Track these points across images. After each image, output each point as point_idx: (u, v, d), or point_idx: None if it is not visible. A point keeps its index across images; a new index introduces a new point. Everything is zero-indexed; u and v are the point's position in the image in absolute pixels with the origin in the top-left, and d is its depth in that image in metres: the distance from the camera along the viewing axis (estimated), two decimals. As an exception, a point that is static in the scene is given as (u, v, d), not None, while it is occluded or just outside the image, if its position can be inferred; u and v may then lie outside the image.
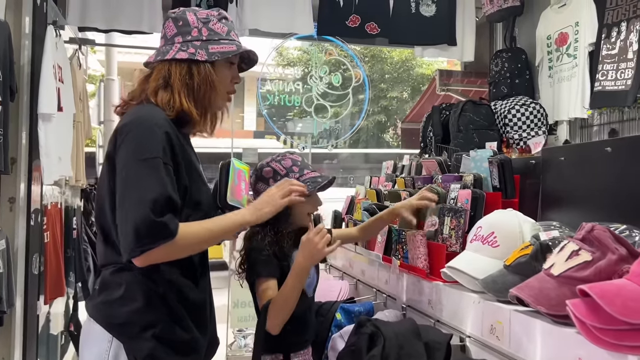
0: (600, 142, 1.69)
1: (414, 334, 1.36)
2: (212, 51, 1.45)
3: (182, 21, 1.48)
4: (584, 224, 1.16)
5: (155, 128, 1.36)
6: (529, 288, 1.16)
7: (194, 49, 1.45)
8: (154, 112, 1.41)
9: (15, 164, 2.79)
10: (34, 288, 2.91)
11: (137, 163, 1.31)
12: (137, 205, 1.27)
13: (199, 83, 1.45)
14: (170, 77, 1.45)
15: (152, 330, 1.34)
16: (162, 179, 1.31)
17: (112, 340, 1.34)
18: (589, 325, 0.95)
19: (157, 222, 1.26)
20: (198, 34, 1.46)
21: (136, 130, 1.36)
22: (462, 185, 1.75)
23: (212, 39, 1.47)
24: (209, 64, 1.46)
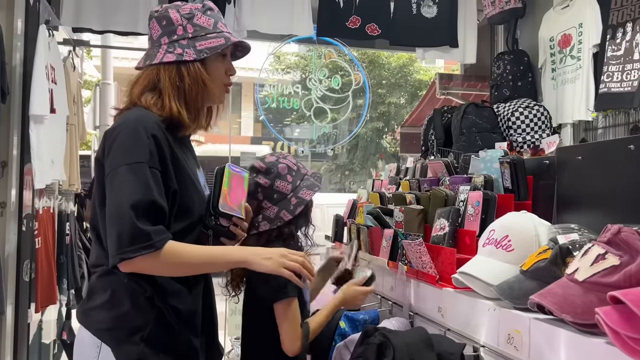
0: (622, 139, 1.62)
1: (425, 344, 1.28)
2: (199, 48, 1.40)
3: (165, 20, 1.42)
4: (609, 225, 1.08)
5: (142, 131, 1.33)
6: (551, 295, 1.08)
7: (181, 49, 1.40)
8: (142, 115, 1.38)
9: (6, 167, 2.72)
10: (24, 295, 2.82)
11: (122, 168, 1.30)
12: (120, 211, 1.26)
13: (190, 84, 1.41)
14: (159, 81, 1.41)
15: (140, 333, 1.31)
16: (147, 184, 1.29)
17: (100, 345, 1.31)
18: (623, 336, 0.87)
19: (140, 230, 1.24)
20: (183, 32, 1.41)
21: (122, 135, 1.34)
22: (472, 187, 1.68)
23: (199, 34, 1.41)
24: (198, 62, 1.41)
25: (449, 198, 1.76)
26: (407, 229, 1.88)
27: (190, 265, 1.35)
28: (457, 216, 1.63)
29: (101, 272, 1.35)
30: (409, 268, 1.72)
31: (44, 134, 2.72)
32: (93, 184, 1.48)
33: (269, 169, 1.69)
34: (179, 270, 1.35)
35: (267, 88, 5.13)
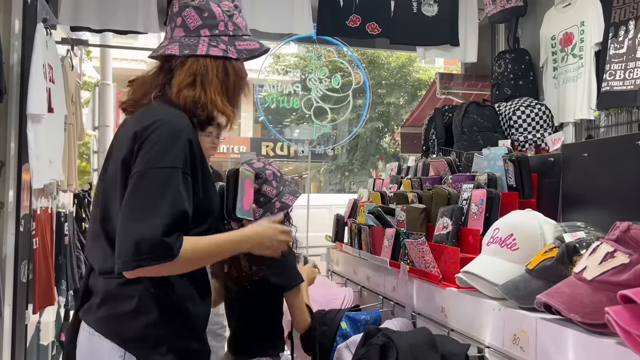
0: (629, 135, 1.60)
1: (429, 345, 1.26)
2: (239, 48, 1.39)
3: (207, 12, 1.38)
4: (617, 223, 1.06)
5: (181, 134, 1.27)
6: (559, 294, 1.05)
7: (225, 45, 1.37)
8: (178, 116, 1.32)
9: (4, 167, 2.70)
10: (22, 297, 2.80)
11: (156, 171, 1.23)
12: (147, 218, 1.19)
13: (234, 81, 1.39)
14: (206, 73, 1.35)
15: (167, 343, 1.29)
16: (180, 193, 1.23)
17: (124, 355, 1.26)
18: (635, 335, 0.84)
19: (163, 242, 1.19)
20: (225, 29, 1.39)
21: (158, 135, 1.26)
22: (476, 185, 1.65)
23: (237, 34, 1.40)
24: (239, 62, 1.40)
25: (452, 196, 1.73)
26: (409, 228, 1.85)
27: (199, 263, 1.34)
28: (460, 215, 1.60)
29: (124, 280, 1.26)
30: (411, 268, 1.70)
31: (42, 134, 2.70)
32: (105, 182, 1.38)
33: (257, 174, 1.76)
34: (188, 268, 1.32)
35: (266, 88, 5.11)
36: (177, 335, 1.31)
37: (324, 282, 2.40)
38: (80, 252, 3.67)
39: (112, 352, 1.27)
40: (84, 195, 3.89)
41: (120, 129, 1.44)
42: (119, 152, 1.32)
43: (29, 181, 2.77)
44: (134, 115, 1.38)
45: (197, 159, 1.31)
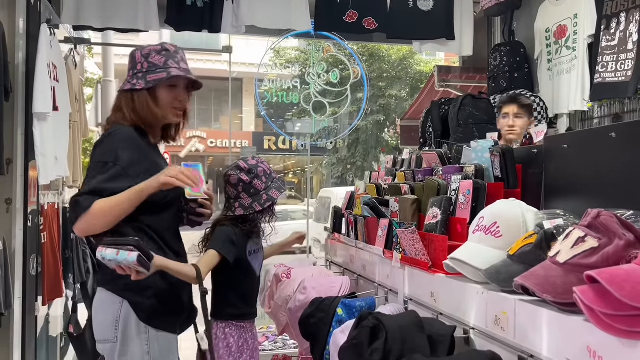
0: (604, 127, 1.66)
1: (417, 327, 1.33)
2: (149, 79, 1.89)
3: (132, 58, 1.95)
4: (589, 210, 1.13)
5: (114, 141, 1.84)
6: (534, 276, 1.13)
7: (136, 80, 1.90)
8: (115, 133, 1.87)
9: (11, 164, 2.77)
10: (32, 289, 2.89)
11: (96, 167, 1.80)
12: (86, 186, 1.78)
13: (139, 106, 1.90)
14: (120, 102, 1.94)
15: (150, 290, 1.81)
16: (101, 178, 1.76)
17: (122, 302, 1.79)
18: (598, 312, 0.92)
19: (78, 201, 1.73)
20: (140, 67, 1.91)
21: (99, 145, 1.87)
22: (464, 177, 1.72)
23: (150, 69, 1.90)
24: (146, 90, 1.89)
25: (442, 187, 1.80)
26: (402, 218, 1.93)
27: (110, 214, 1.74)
28: (448, 205, 1.68)
29: None
30: (404, 256, 1.77)
31: (48, 131, 2.78)
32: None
33: (250, 169, 2.16)
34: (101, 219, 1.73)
35: (266, 83, 5.17)
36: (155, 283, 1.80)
37: (322, 271, 2.48)
38: (86, 246, 3.75)
39: (113, 299, 1.80)
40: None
41: None
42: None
43: (36, 178, 2.85)
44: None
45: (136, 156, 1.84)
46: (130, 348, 1.78)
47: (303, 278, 2.26)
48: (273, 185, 2.18)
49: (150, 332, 1.80)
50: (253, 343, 2.21)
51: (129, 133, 1.87)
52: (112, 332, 1.78)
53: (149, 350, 1.80)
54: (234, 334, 2.15)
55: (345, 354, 1.36)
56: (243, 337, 2.17)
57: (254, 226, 2.19)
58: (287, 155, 21.26)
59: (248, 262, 2.18)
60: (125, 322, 1.78)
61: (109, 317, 1.79)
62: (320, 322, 1.91)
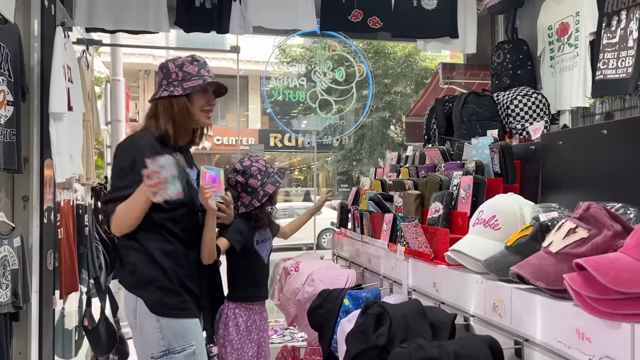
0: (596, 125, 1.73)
1: (419, 314, 1.41)
2: (185, 86, 2.07)
3: (165, 69, 2.13)
4: (580, 203, 1.20)
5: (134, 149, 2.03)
6: (528, 265, 1.20)
7: (173, 88, 2.07)
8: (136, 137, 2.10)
9: (28, 163, 2.85)
10: (49, 283, 2.97)
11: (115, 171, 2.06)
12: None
13: (177, 111, 2.08)
14: (156, 110, 2.10)
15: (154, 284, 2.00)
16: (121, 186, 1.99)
17: (136, 298, 2.01)
18: (584, 296, 0.99)
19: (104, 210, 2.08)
20: (175, 76, 2.09)
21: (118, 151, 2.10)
22: (465, 172, 1.79)
23: (186, 78, 2.08)
24: (184, 96, 2.07)
25: (444, 183, 1.88)
26: (406, 213, 2.01)
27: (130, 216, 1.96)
28: (450, 199, 1.75)
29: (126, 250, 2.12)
30: (407, 248, 1.85)
31: (63, 131, 2.86)
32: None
33: (244, 170, 2.41)
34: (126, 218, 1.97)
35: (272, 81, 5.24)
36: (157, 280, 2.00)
37: (329, 264, 2.56)
38: (99, 242, 3.84)
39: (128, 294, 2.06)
40: (100, 189, 4.06)
41: None
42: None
43: (52, 176, 2.94)
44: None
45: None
46: (146, 335, 2.02)
47: (311, 271, 2.35)
48: (268, 180, 2.41)
49: (162, 321, 2.00)
50: (261, 324, 2.42)
51: (150, 140, 2.06)
52: (133, 320, 2.05)
53: (162, 336, 2.00)
54: (243, 314, 2.38)
55: (352, 340, 1.44)
56: (252, 318, 2.40)
57: (258, 221, 2.44)
58: (293, 153, 21.32)
59: (255, 250, 2.44)
60: (140, 313, 2.01)
61: (128, 308, 2.09)
62: (327, 313, 1.99)
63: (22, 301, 2.64)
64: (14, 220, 2.80)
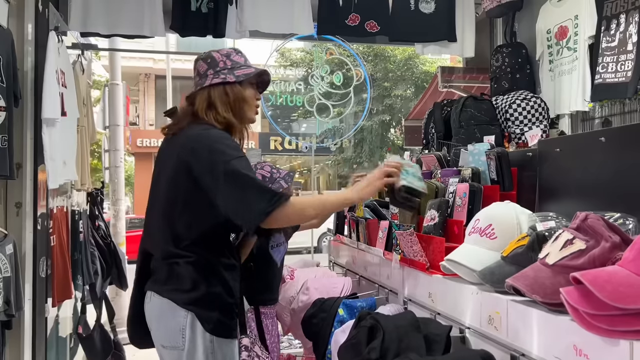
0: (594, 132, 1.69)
1: (413, 327, 1.38)
2: (237, 74, 1.86)
3: (210, 59, 1.89)
4: (578, 213, 1.17)
5: (229, 139, 1.79)
6: (524, 277, 1.17)
7: (224, 75, 1.85)
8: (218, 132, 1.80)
9: (21, 169, 2.82)
10: (42, 291, 2.94)
11: (234, 161, 1.69)
12: (248, 187, 1.66)
13: (233, 99, 1.85)
14: (210, 98, 1.84)
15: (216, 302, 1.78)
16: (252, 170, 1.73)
17: (187, 313, 1.75)
18: (581, 312, 0.96)
19: (271, 190, 1.69)
20: (224, 65, 1.87)
21: (216, 142, 1.74)
22: (460, 179, 1.76)
23: (235, 66, 1.88)
24: (237, 83, 1.86)
25: (440, 190, 1.84)
26: (402, 220, 1.97)
27: (312, 208, 1.75)
28: (446, 207, 1.72)
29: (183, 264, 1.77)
30: (403, 257, 1.82)
31: (56, 136, 2.83)
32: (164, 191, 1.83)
33: None
34: (305, 214, 1.75)
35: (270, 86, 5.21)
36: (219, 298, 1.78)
37: (325, 272, 2.53)
38: (95, 248, 3.81)
39: (177, 309, 1.76)
40: (97, 194, 4.03)
41: (166, 148, 1.90)
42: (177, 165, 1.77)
43: (45, 182, 2.91)
44: (180, 137, 1.82)
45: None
46: (196, 356, 1.79)
47: (306, 279, 2.31)
48: (273, 186, 2.30)
49: (215, 341, 1.79)
50: (272, 329, 2.35)
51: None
52: (179, 339, 1.79)
53: (214, 358, 1.80)
54: (256, 318, 2.32)
55: (343, 353, 1.41)
56: (264, 322, 2.34)
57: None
58: (294, 156, 21.31)
59: (270, 254, 2.37)
60: (192, 332, 1.77)
61: (175, 325, 1.78)
62: (322, 322, 1.95)
63: (14, 309, 2.61)
64: (7, 226, 2.76)
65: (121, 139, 6.76)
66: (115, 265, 4.04)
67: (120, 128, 6.70)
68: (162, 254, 1.81)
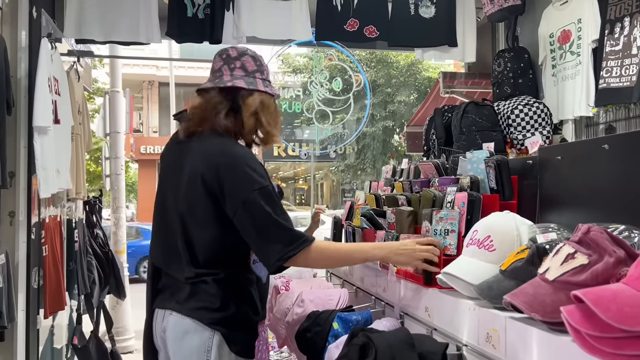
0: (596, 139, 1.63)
1: (407, 345, 1.31)
2: (274, 88, 1.78)
3: (259, 61, 1.77)
4: (580, 225, 1.10)
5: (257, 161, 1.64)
6: (523, 294, 1.10)
7: (269, 87, 1.75)
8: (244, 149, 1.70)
9: (14, 177, 2.78)
10: (34, 302, 2.89)
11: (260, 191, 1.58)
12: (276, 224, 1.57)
13: (274, 114, 1.76)
14: (266, 106, 1.73)
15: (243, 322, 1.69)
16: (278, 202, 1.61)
17: (213, 333, 1.64)
18: (584, 334, 0.89)
19: (296, 232, 1.59)
20: (266, 75, 1.77)
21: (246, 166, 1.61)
22: (459, 188, 1.70)
23: (269, 79, 1.78)
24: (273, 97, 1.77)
25: (437, 199, 1.78)
26: (399, 230, 1.91)
27: (334, 259, 1.69)
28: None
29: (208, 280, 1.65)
30: (399, 269, 1.75)
31: (49, 145, 2.79)
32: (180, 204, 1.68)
33: None
34: (325, 262, 1.70)
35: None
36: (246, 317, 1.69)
37: (321, 283, 2.46)
38: (92, 257, 3.76)
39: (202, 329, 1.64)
40: (94, 202, 3.98)
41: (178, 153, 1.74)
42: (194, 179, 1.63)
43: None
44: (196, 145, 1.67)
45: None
46: None
47: (301, 290, 2.24)
48: None
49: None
50: (259, 345, 2.20)
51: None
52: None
53: None
54: None
55: (335, 372, 1.34)
56: None
57: None
58: (297, 162, 21.29)
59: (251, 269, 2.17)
60: (218, 353, 1.64)
61: (199, 345, 1.65)
62: (316, 336, 1.89)
63: (6, 320, 2.56)
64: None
65: (122, 146, 6.72)
66: (113, 275, 3.99)
67: (121, 135, 6.67)
68: (183, 275, 1.68)
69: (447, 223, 1.59)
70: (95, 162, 12.78)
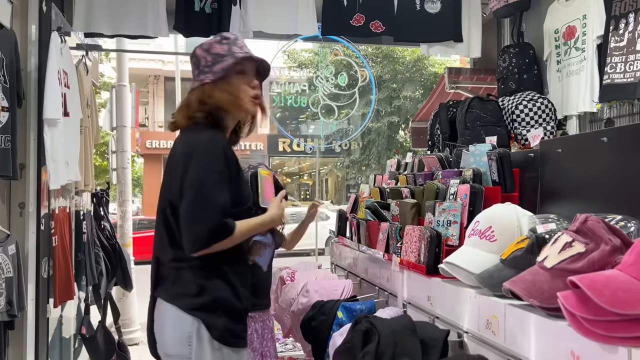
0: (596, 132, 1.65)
1: (409, 331, 1.34)
2: (216, 70, 1.77)
3: (194, 58, 1.84)
4: (578, 215, 1.13)
5: (217, 149, 1.71)
6: (522, 281, 1.13)
7: (204, 76, 1.78)
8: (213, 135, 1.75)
9: (24, 169, 2.83)
10: (44, 292, 2.94)
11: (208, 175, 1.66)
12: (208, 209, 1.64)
13: (216, 101, 1.77)
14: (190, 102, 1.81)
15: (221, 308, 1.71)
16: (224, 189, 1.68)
17: (193, 319, 1.68)
18: (579, 317, 0.92)
19: (224, 223, 1.65)
20: (205, 62, 1.80)
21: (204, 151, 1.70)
22: (462, 180, 1.73)
23: (216, 60, 1.78)
24: (220, 79, 1.77)
25: (441, 191, 1.81)
26: (403, 222, 1.94)
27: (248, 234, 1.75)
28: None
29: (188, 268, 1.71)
30: (402, 259, 1.78)
31: (58, 137, 2.83)
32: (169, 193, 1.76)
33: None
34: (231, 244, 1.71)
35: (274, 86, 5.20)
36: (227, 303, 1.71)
37: (325, 274, 2.50)
38: (100, 249, 3.81)
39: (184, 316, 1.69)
40: (102, 195, 4.03)
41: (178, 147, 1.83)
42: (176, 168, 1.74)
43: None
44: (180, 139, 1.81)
45: (231, 161, 1.73)
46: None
47: (306, 281, 2.28)
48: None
49: (224, 351, 1.70)
50: (263, 332, 2.28)
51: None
52: (185, 348, 1.69)
53: None
54: None
55: (338, 357, 1.38)
56: (252, 327, 2.26)
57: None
58: (302, 158, 21.31)
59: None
60: (199, 340, 1.68)
61: (181, 333, 1.70)
62: (321, 325, 1.93)
63: (16, 310, 2.61)
64: (10, 227, 2.77)
65: (128, 140, 6.77)
66: (120, 266, 4.04)
67: (127, 129, 6.71)
68: (166, 258, 1.76)
69: (449, 214, 1.63)
70: (101, 157, 12.85)
